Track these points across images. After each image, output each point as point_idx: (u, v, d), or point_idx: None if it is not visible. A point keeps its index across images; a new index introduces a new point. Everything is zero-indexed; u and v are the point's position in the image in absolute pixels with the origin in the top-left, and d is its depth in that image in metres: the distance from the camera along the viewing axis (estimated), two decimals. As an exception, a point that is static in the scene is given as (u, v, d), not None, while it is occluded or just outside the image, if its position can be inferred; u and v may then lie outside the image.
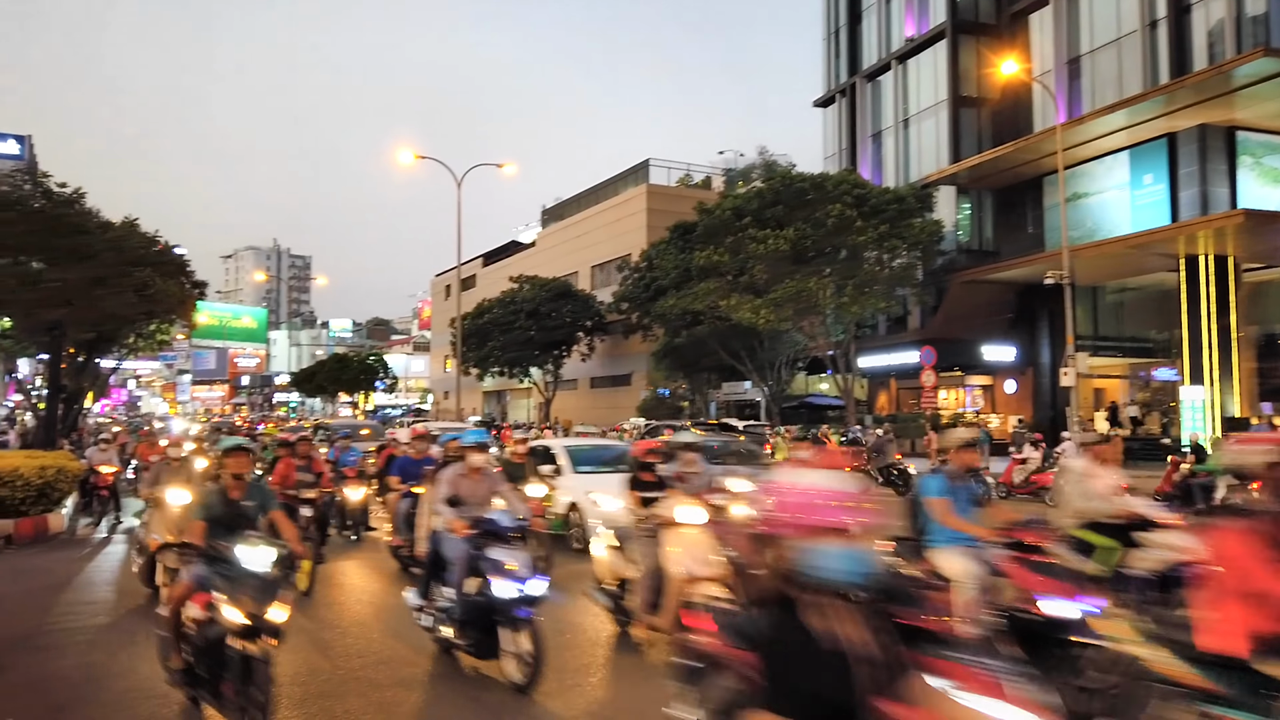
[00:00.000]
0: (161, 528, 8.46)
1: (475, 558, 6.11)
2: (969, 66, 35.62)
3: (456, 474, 6.83)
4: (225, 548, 5.04)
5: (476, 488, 6.81)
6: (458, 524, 6.24)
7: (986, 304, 32.61)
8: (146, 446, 16.22)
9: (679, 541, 6.41)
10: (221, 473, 5.66)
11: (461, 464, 6.96)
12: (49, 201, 22.50)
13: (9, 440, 28.08)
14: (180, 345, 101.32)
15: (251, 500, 5.63)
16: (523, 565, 5.92)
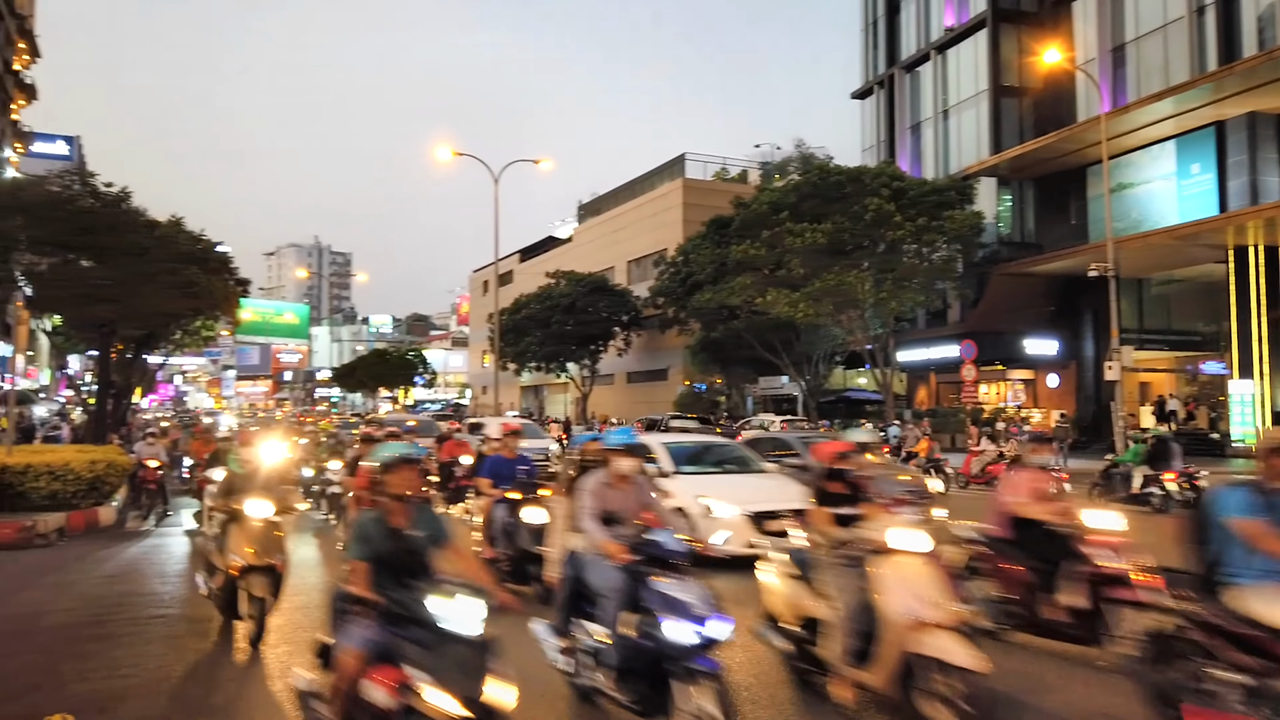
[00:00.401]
0: (242, 546, 7.10)
1: (637, 590, 4.99)
2: (1010, 56, 35.09)
3: (601, 483, 5.68)
4: (413, 601, 3.90)
5: (625, 500, 5.68)
6: (613, 548, 5.15)
7: (1028, 297, 32.16)
8: (200, 443, 16.05)
9: (897, 574, 5.09)
10: (378, 494, 4.44)
11: (604, 471, 5.75)
12: (97, 201, 22.99)
13: (62, 435, 28.80)
14: (225, 341, 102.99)
15: (421, 529, 4.38)
16: (700, 601, 4.75)
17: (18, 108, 49.41)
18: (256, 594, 6.98)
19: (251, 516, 7.29)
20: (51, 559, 11.69)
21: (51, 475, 14.00)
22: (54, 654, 6.94)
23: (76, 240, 22.03)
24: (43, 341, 37.95)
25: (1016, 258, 32.71)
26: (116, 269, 21.59)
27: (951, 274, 31.02)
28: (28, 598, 9.20)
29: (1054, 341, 32.80)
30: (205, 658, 6.89)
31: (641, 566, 5.01)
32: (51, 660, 6.76)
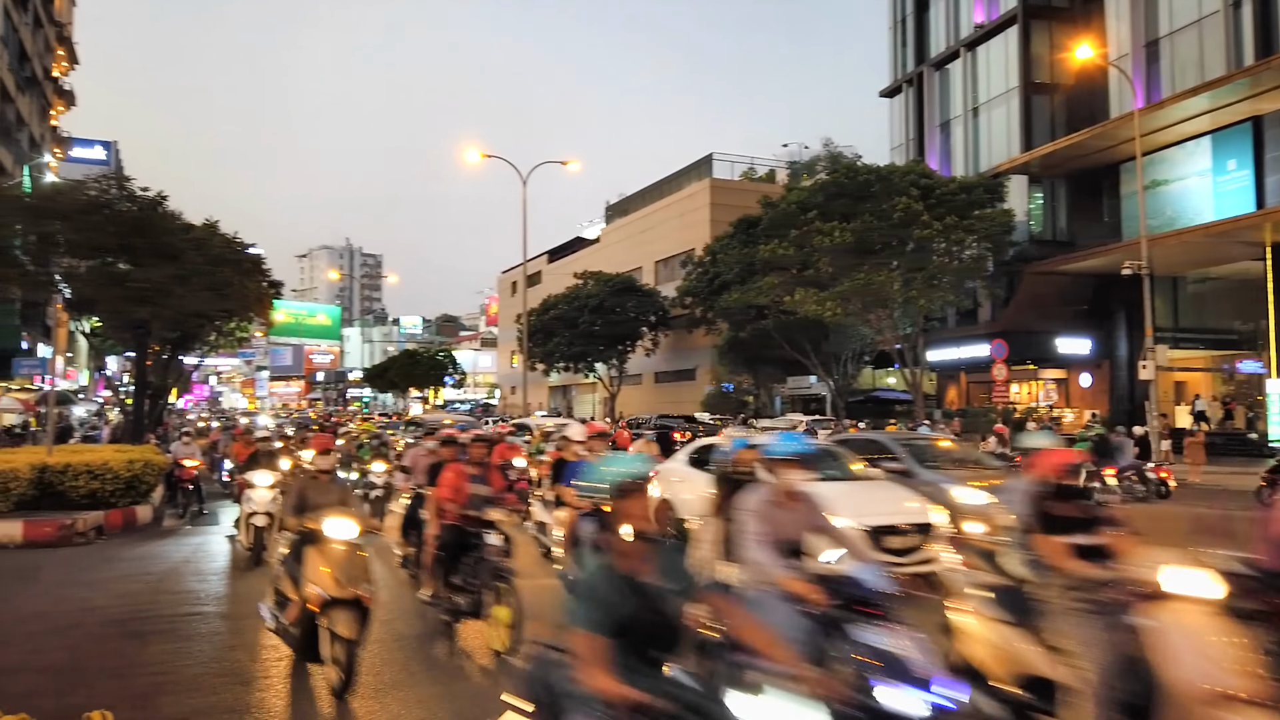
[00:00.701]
0: (323, 574, 5.81)
1: (829, 642, 3.86)
2: (1041, 52, 34.71)
3: (768, 502, 4.53)
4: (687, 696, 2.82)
5: (795, 522, 4.57)
6: (802, 587, 3.99)
7: (1060, 295, 31.80)
8: (241, 445, 15.61)
9: (1180, 627, 3.83)
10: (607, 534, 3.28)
11: (769, 488, 4.60)
12: (133, 205, 23.41)
13: (102, 435, 29.33)
14: (258, 342, 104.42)
15: (670, 580, 3.15)
16: (921, 657, 3.70)
17: (57, 114, 50.39)
18: (342, 633, 5.71)
19: (333, 538, 6.02)
20: (90, 556, 11.95)
21: (90, 474, 14.28)
22: (92, 650, 7.10)
23: (113, 243, 22.46)
24: (81, 343, 38.70)
25: (1048, 256, 32.35)
26: (152, 271, 21.97)
27: (982, 273, 30.75)
28: (67, 594, 9.41)
29: (1087, 340, 32.41)
30: (240, 655, 7.02)
31: (838, 611, 3.91)
32: (89, 656, 6.92)
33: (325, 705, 5.79)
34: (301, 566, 6.04)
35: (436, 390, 75.15)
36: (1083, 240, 32.17)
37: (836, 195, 29.39)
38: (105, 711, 2.48)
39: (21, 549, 12.32)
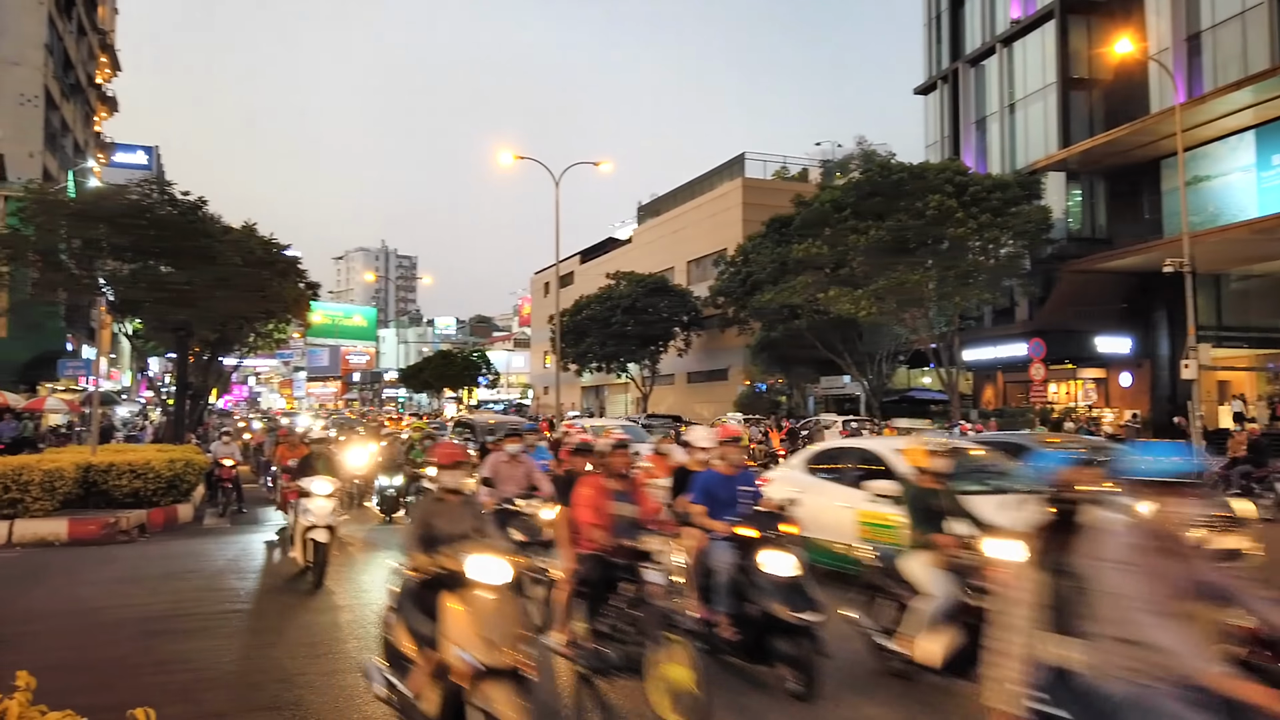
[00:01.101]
0: (469, 633, 4.36)
1: None
2: (1079, 47, 34.23)
3: (1138, 546, 3.10)
4: None
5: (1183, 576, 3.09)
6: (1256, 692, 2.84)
7: (1099, 294, 31.33)
8: (286, 448, 14.37)
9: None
10: None
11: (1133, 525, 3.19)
12: (174, 208, 23.86)
13: (145, 435, 29.88)
14: (296, 343, 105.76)
15: None
16: None
17: (100, 120, 51.46)
18: (501, 712, 4.25)
19: (480, 583, 4.47)
20: (133, 554, 12.20)
21: (133, 474, 14.59)
22: (136, 646, 7.26)
23: (155, 246, 22.91)
24: (124, 345, 39.47)
25: (1087, 254, 31.88)
26: (193, 273, 22.39)
27: (1018, 271, 30.39)
28: (111, 591, 9.62)
29: (1127, 339, 31.91)
30: (278, 654, 7.13)
31: None
32: (134, 652, 7.07)
33: (363, 704, 5.86)
34: (434, 620, 4.54)
35: (470, 390, 75.69)
36: (1122, 237, 31.68)
37: (870, 194, 29.19)
38: (148, 709, 2.54)
39: (67, 546, 12.62)
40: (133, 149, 56.90)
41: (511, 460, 8.84)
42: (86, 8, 44.63)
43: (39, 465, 13.38)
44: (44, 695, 2.73)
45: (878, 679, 6.22)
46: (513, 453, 8.92)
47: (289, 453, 13.54)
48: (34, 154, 35.29)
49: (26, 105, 35.19)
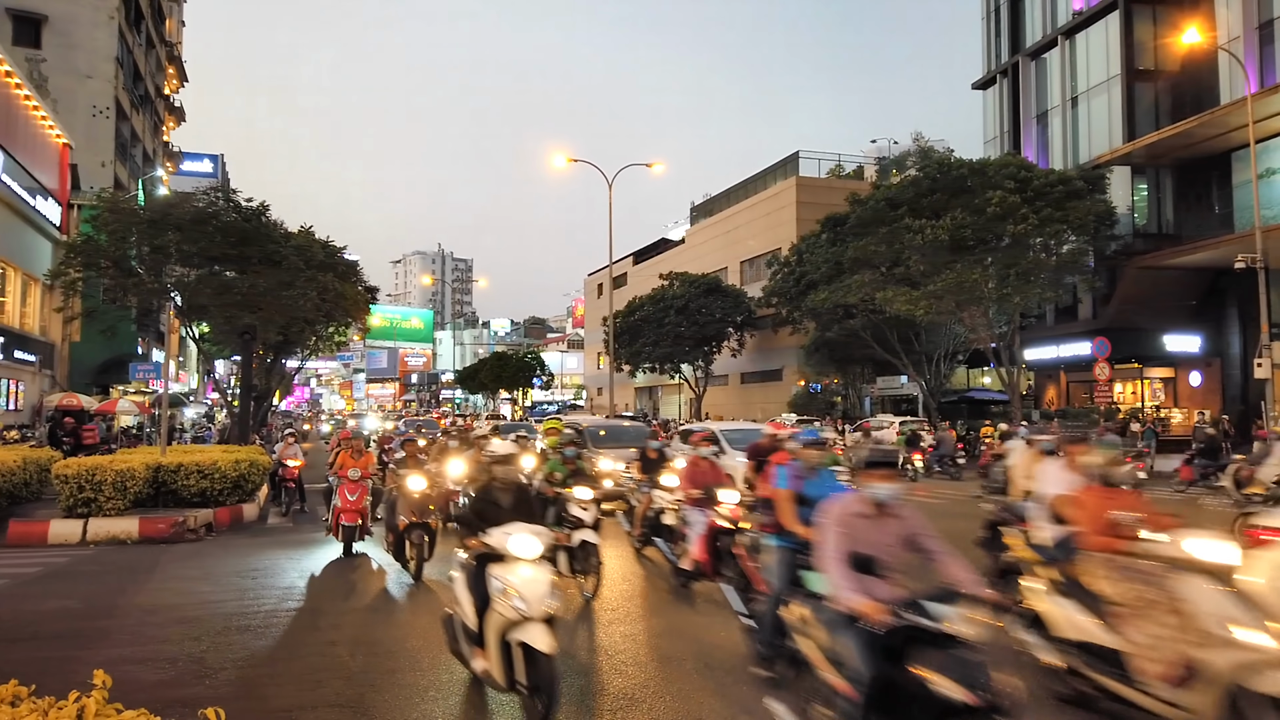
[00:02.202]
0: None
1: None
2: (1144, 38, 33.28)
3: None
4: None
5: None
6: None
7: (1167, 290, 30.45)
8: (349, 454, 11.89)
9: None
10: None
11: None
12: (239, 215, 24.50)
13: (211, 436, 30.67)
14: (355, 346, 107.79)
15: None
16: None
17: (168, 130, 53.01)
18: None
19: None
20: (201, 552, 12.54)
21: (200, 474, 15.00)
22: (208, 643, 7.46)
23: (222, 252, 23.55)
24: (191, 348, 40.59)
25: (1153, 249, 31.00)
26: (258, 278, 22.96)
27: (1082, 268, 29.66)
28: (183, 589, 9.90)
29: (1196, 338, 30.94)
30: (340, 651, 7.27)
31: None
32: (207, 649, 7.27)
33: (423, 702, 5.95)
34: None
35: (525, 391, 76.28)
36: (1191, 232, 30.74)
37: (928, 191, 28.75)
38: (219, 709, 2.61)
39: (138, 544, 13.02)
40: (199, 157, 58.56)
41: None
42: (154, 21, 46.02)
43: (111, 466, 13.81)
44: (119, 691, 2.82)
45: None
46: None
47: (351, 460, 11.66)
48: (106, 163, 36.48)
49: (98, 116, 36.39)
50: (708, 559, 8.53)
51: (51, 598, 9.39)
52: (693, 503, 8.96)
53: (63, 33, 35.50)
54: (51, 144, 30.60)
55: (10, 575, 10.54)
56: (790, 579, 6.07)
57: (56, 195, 30.41)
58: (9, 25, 34.03)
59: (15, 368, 26.64)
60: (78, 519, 13.33)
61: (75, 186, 32.80)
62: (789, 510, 6.33)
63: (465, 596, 5.82)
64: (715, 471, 9.39)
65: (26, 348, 27.61)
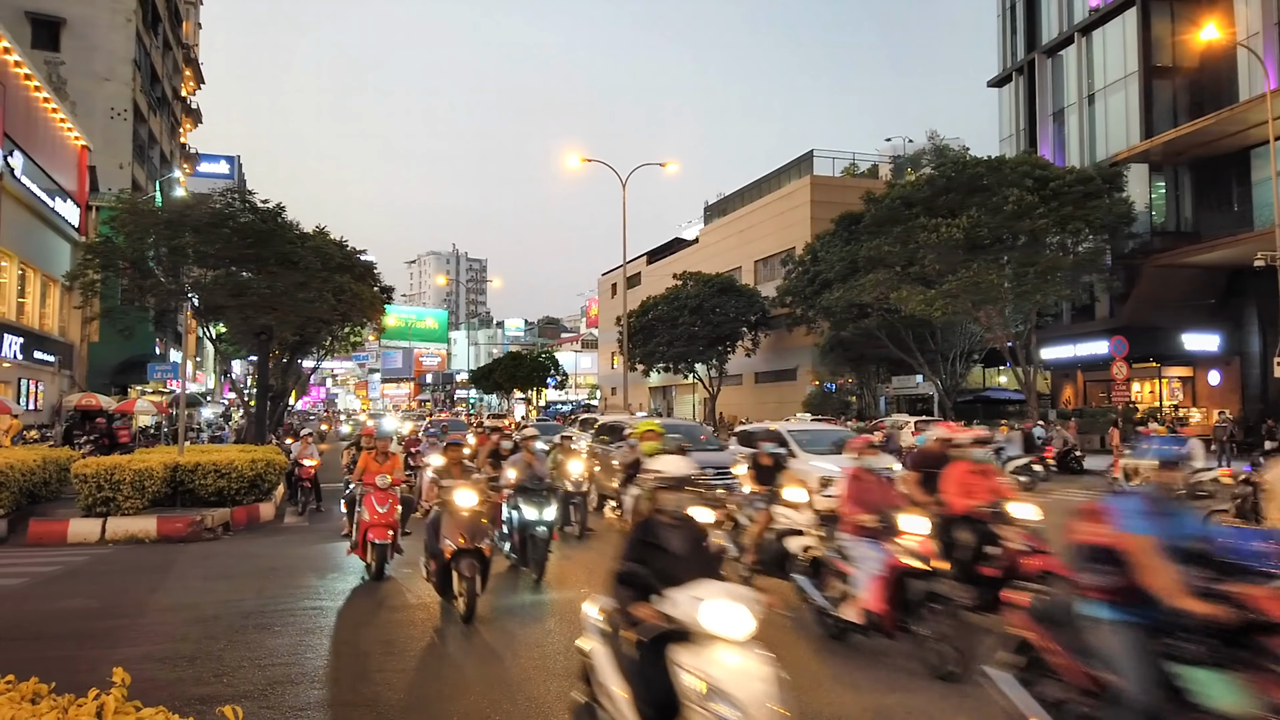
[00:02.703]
0: None
1: None
2: (1162, 34, 33.03)
3: None
4: None
5: None
6: None
7: (1185, 289, 30.21)
8: (374, 457, 10.56)
9: None
10: None
11: None
12: (255, 216, 24.63)
13: (227, 435, 30.83)
14: (371, 346, 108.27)
15: None
16: None
17: (185, 131, 53.37)
18: None
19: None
20: (218, 551, 12.62)
21: (218, 473, 15.09)
22: (226, 641, 7.50)
23: (238, 253, 23.68)
24: (208, 348, 40.86)
25: (1171, 248, 30.77)
26: (274, 278, 23.07)
27: (1099, 266, 29.46)
28: (199, 587, 9.96)
29: (1215, 336, 30.67)
30: (354, 650, 7.29)
31: None
32: (225, 647, 7.31)
33: (437, 701, 5.97)
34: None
35: (539, 391, 76.43)
36: (1209, 231, 30.48)
37: (943, 190, 28.62)
38: (235, 707, 2.62)
39: (156, 543, 13.11)
40: (215, 159, 58.93)
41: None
42: (172, 24, 46.35)
43: (130, 465, 13.92)
44: (137, 689, 2.83)
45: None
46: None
47: (376, 465, 10.40)
48: (124, 165, 36.76)
49: (116, 118, 36.68)
50: (888, 610, 6.52)
51: (71, 596, 9.47)
52: (860, 532, 6.96)
53: (81, 35, 35.78)
54: (70, 146, 30.85)
55: (30, 574, 10.63)
56: (1157, 678, 3.99)
57: (75, 197, 30.66)
58: (28, 28, 34.31)
59: (35, 368, 26.87)
60: (96, 518, 13.44)
61: (94, 188, 33.05)
62: (1160, 568, 4.12)
63: (627, 691, 4.00)
64: (887, 490, 7.43)
65: (46, 348, 27.85)
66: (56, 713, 2.46)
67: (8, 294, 25.44)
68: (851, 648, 7.06)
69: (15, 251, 25.54)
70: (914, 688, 6.10)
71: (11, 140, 24.11)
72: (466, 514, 8.28)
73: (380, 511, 9.91)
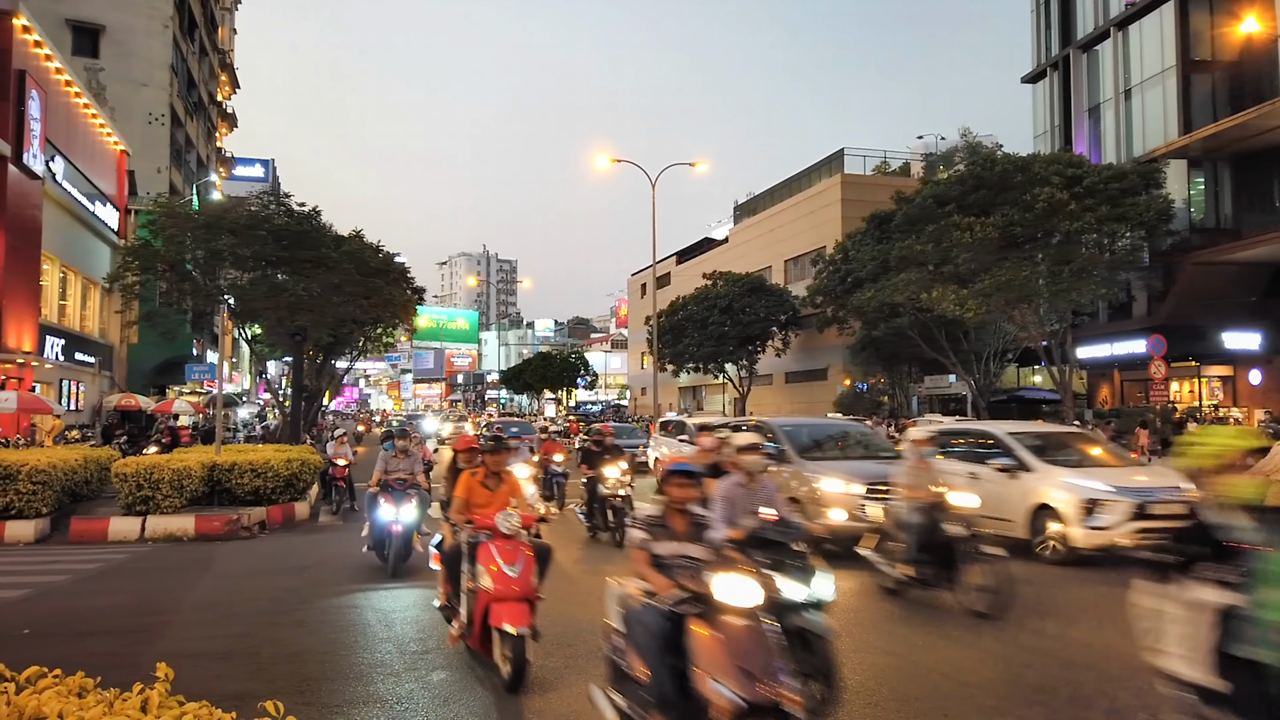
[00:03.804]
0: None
1: None
2: (1201, 27, 32.44)
3: None
4: None
5: None
6: None
7: (1225, 287, 29.65)
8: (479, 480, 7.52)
9: None
10: None
11: None
12: (291, 219, 24.93)
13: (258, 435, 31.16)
14: (403, 346, 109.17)
15: None
16: None
17: (221, 136, 54.13)
18: None
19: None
20: (255, 549, 12.79)
21: (254, 473, 15.30)
22: (263, 637, 7.61)
23: (274, 255, 23.98)
24: (244, 349, 41.40)
25: (1211, 245, 30.21)
26: (309, 281, 23.34)
27: (1137, 264, 29.01)
28: (238, 584, 10.11)
29: (1256, 335, 30.07)
30: (390, 648, 7.36)
31: None
32: (262, 643, 7.41)
33: (470, 699, 6.00)
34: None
35: (569, 391, 76.68)
36: (1250, 227, 29.90)
37: (975, 188, 28.32)
38: (277, 702, 2.66)
39: (194, 541, 13.31)
40: (251, 162, 59.75)
41: None
42: (207, 29, 47.03)
43: (168, 465, 14.15)
44: (180, 685, 2.89)
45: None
46: None
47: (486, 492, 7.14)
48: (161, 169, 37.39)
49: (154, 123, 37.32)
50: None
51: (111, 593, 9.65)
52: None
53: (120, 42, 36.44)
54: (110, 151, 31.42)
55: (72, 571, 10.84)
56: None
57: (115, 201, 31.22)
58: (69, 36, 35.01)
59: (76, 369, 27.39)
60: (136, 516, 13.68)
61: (133, 192, 33.64)
62: None
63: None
64: None
65: (86, 349, 28.38)
66: (103, 707, 2.51)
67: (50, 296, 25.96)
68: None
69: (57, 255, 26.07)
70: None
71: (53, 145, 24.62)
72: (745, 626, 4.12)
73: (510, 574, 6.17)
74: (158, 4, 37.52)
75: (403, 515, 10.37)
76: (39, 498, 13.55)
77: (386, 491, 10.50)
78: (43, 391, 23.79)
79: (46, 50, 24.34)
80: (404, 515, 10.38)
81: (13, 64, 21.88)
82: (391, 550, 10.34)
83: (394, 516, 10.35)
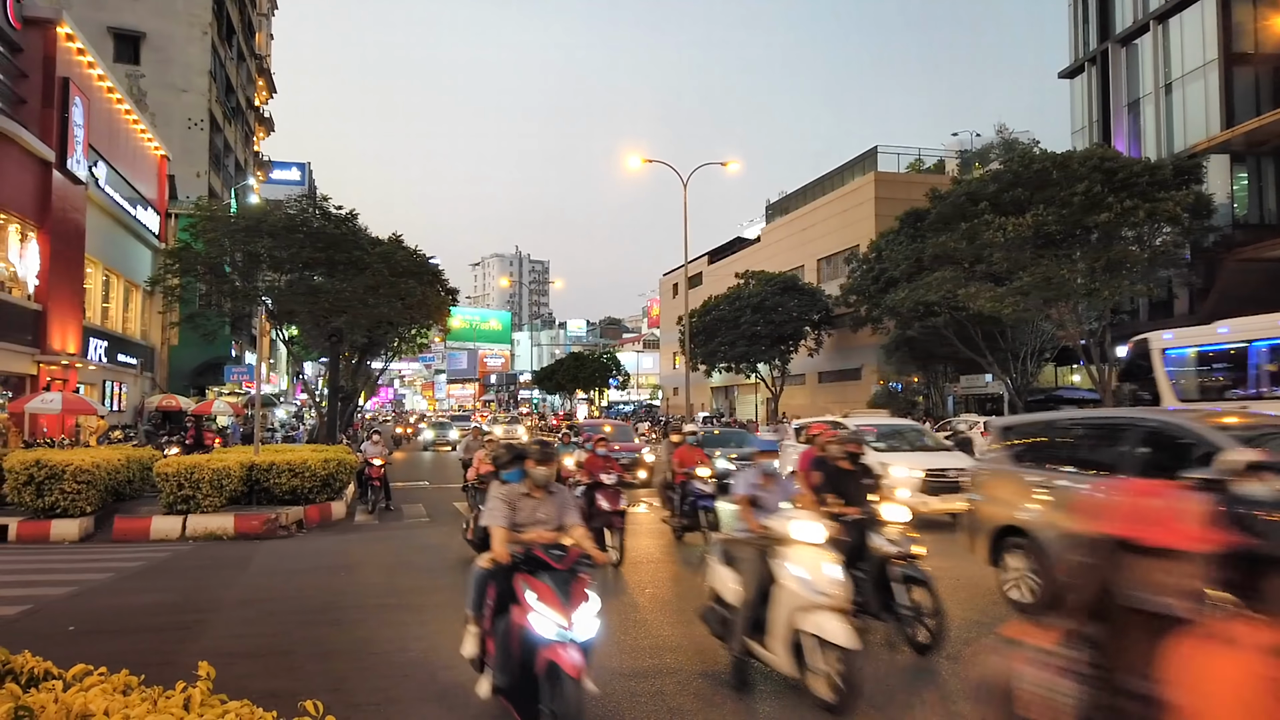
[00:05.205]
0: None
1: None
2: (1243, 20, 31.78)
3: None
4: None
5: None
6: None
7: (1269, 283, 29.01)
8: None
9: None
10: None
11: None
12: (328, 222, 25.23)
13: (300, 435, 31.56)
14: (437, 347, 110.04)
15: None
16: None
17: (258, 140, 54.89)
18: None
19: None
20: (293, 548, 12.96)
21: (291, 473, 15.51)
22: (301, 635, 7.71)
23: (311, 258, 24.29)
24: (282, 350, 41.94)
25: (1254, 241, 29.58)
26: (346, 283, 23.61)
27: (1177, 261, 28.48)
28: (277, 583, 10.25)
29: (1302, 333, 29.40)
30: (423, 645, 7.42)
31: None
32: (300, 641, 7.52)
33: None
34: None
35: (602, 391, 76.83)
36: (1296, 223, 29.26)
37: (1010, 185, 27.96)
38: (316, 701, 2.70)
39: (233, 540, 13.52)
40: (288, 166, 60.52)
41: None
42: (245, 35, 47.70)
43: (208, 465, 14.38)
44: (222, 682, 2.94)
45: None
46: None
47: None
48: (200, 174, 37.98)
49: (194, 129, 37.92)
50: None
51: (153, 591, 9.82)
52: None
53: (160, 49, 37.08)
54: (150, 156, 31.99)
55: (115, 569, 11.05)
56: None
57: (155, 205, 31.79)
58: (110, 43, 35.69)
59: (118, 370, 27.91)
60: (177, 515, 13.92)
61: (173, 196, 34.22)
62: None
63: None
64: None
65: (129, 351, 28.91)
66: (147, 705, 2.55)
67: (93, 299, 26.48)
68: None
69: (100, 258, 26.59)
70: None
71: (96, 151, 25.11)
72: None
73: None
74: (197, 11, 38.14)
75: (578, 626, 4.75)
76: (83, 497, 13.83)
77: (529, 573, 4.95)
78: (86, 392, 24.27)
79: (89, 58, 24.83)
80: (580, 625, 4.77)
81: (57, 72, 22.35)
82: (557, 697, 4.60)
83: (563, 628, 4.70)
